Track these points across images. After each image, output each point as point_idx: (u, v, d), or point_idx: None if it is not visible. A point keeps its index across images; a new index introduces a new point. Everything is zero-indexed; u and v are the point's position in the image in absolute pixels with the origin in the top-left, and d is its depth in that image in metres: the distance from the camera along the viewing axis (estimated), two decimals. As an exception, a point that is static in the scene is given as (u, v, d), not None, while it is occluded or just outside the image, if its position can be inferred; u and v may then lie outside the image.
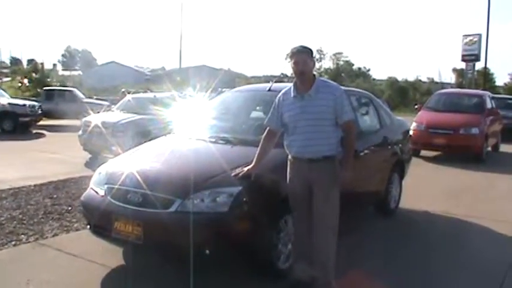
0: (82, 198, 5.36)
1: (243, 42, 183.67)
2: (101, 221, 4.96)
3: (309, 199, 4.55)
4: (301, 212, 4.62)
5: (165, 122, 11.27)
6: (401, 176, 7.94)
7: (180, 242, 4.41)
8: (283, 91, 4.78)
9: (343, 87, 5.01)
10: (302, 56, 4.52)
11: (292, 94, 4.61)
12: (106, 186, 5.04)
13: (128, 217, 4.65)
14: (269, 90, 6.44)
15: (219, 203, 4.48)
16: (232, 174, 4.72)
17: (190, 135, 6.10)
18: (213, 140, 5.69)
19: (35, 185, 8.95)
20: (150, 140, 6.55)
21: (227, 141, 5.62)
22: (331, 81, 4.78)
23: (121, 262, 5.35)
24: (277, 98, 4.78)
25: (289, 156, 4.68)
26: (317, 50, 59.93)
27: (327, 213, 4.49)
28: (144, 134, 11.88)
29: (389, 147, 7.47)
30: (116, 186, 4.92)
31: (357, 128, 5.02)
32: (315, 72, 4.69)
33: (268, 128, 4.85)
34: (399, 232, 6.89)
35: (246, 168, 4.73)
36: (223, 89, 14.81)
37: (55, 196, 8.20)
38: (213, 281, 4.85)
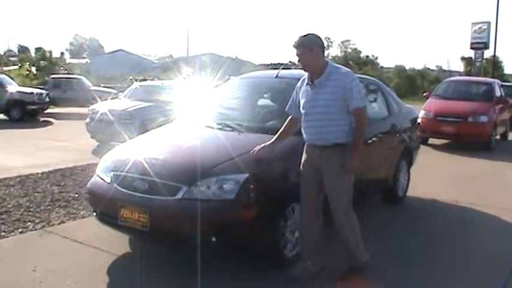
0: (88, 185, 5.34)
1: (251, 29, 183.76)
2: (107, 208, 4.93)
3: (318, 185, 4.59)
4: (310, 197, 4.65)
5: (172, 109, 11.28)
6: (410, 164, 7.89)
7: (186, 229, 4.40)
8: (302, 78, 4.82)
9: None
10: (299, 49, 4.56)
11: (306, 82, 4.67)
12: (112, 173, 5.01)
13: (134, 204, 4.63)
14: (276, 77, 6.42)
15: (226, 190, 4.45)
16: (251, 151, 4.79)
17: (196, 122, 6.08)
18: (220, 127, 5.67)
19: (42, 173, 8.97)
20: (156, 128, 6.52)
21: (234, 129, 5.59)
22: (343, 68, 4.72)
23: (127, 249, 5.35)
24: (297, 85, 4.86)
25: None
26: (325, 38, 59.31)
27: (337, 199, 4.54)
28: (151, 121, 11.86)
29: (398, 134, 7.39)
30: (122, 174, 4.89)
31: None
32: (327, 59, 4.68)
33: (290, 115, 4.91)
34: (406, 221, 6.83)
35: (263, 144, 4.83)
36: (231, 77, 14.75)
37: (62, 184, 8.21)
38: (219, 268, 4.84)
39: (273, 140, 4.89)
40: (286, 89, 6.50)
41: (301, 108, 4.71)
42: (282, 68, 6.69)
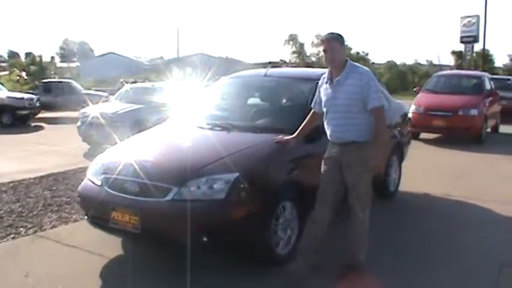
0: (79, 189, 5.32)
1: (241, 29, 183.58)
2: (98, 212, 4.93)
3: (339, 181, 4.68)
4: (327, 193, 4.72)
5: (163, 111, 11.25)
6: (401, 159, 7.91)
7: (177, 230, 4.38)
8: (323, 75, 4.90)
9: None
10: (330, 44, 4.63)
11: (326, 80, 4.75)
12: (103, 176, 5.00)
13: (124, 207, 4.63)
14: (265, 75, 6.45)
15: (216, 190, 4.44)
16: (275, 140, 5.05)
17: (186, 123, 6.08)
18: (209, 126, 5.67)
19: (34, 178, 8.93)
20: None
21: (223, 128, 5.59)
22: (362, 67, 4.77)
23: (119, 252, 5.33)
24: (319, 82, 4.94)
25: None
26: (315, 35, 59.74)
27: (357, 191, 4.63)
28: (142, 123, 11.81)
29: (388, 130, 7.39)
30: (113, 176, 4.88)
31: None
32: (347, 58, 4.74)
33: (313, 110, 5.01)
34: (397, 215, 6.86)
35: (286, 137, 5.01)
36: (221, 77, 14.75)
37: (54, 188, 8.19)
38: (211, 268, 4.83)
39: (296, 133, 5.05)
40: (275, 87, 6.55)
41: (322, 106, 4.79)
42: (271, 67, 6.72)
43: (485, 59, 43.23)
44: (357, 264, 4.75)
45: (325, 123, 4.80)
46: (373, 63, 59.76)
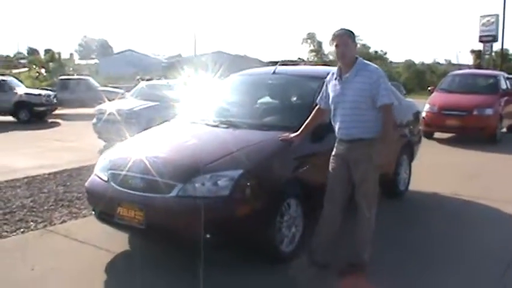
0: (86, 184, 5.36)
1: (260, 27, 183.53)
2: (104, 207, 4.99)
3: (347, 179, 4.69)
4: (335, 191, 4.74)
5: (178, 108, 11.30)
6: (411, 158, 7.86)
7: (181, 226, 4.44)
8: (331, 72, 4.92)
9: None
10: (343, 39, 4.64)
11: (335, 76, 4.75)
12: (109, 172, 5.05)
13: (130, 202, 4.68)
14: (274, 73, 6.46)
15: (220, 186, 4.47)
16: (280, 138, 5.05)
17: (193, 120, 6.12)
18: (216, 124, 5.71)
19: (49, 173, 9.07)
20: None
21: (230, 125, 5.62)
22: (372, 65, 4.79)
23: (126, 247, 5.40)
24: (327, 78, 4.95)
25: None
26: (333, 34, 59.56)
27: (364, 188, 4.64)
28: (157, 120, 11.82)
29: (398, 129, 7.37)
30: (119, 172, 4.93)
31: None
32: (357, 56, 4.74)
33: (317, 106, 5.01)
34: (405, 214, 6.84)
35: (291, 135, 5.01)
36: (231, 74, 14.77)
37: (68, 184, 8.30)
38: (217, 264, 4.86)
39: (300, 130, 5.06)
40: (283, 85, 6.56)
41: (330, 102, 4.80)
42: (280, 65, 6.73)
43: (504, 59, 42.80)
44: (361, 263, 4.75)
45: (332, 120, 4.81)
46: (391, 62, 59.48)
